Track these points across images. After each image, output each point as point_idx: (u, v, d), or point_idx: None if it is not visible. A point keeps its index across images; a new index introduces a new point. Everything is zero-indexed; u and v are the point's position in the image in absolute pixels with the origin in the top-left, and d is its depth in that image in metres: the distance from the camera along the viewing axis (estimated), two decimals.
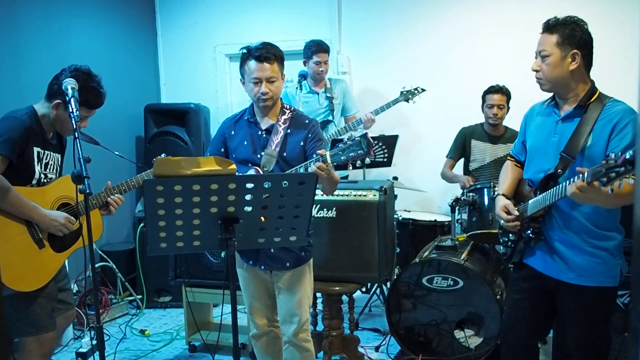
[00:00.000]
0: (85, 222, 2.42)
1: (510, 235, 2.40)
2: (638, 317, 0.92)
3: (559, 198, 2.09)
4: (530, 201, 2.27)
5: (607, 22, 4.33)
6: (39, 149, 2.45)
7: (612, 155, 1.81)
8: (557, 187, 2.10)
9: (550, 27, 2.18)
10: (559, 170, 2.16)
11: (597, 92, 2.19)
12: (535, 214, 2.24)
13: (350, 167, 2.47)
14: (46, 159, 2.50)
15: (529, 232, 2.28)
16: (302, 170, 2.42)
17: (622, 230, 2.25)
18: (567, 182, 2.02)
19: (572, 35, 2.14)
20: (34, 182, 2.44)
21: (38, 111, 2.46)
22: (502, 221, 2.34)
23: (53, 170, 2.55)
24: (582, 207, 2.16)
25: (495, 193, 2.50)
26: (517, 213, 2.30)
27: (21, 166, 2.37)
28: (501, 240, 2.51)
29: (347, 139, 2.36)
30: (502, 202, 2.37)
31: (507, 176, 2.48)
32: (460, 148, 4.22)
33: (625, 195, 1.96)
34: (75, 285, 4.15)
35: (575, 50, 2.15)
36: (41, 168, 2.46)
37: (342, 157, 2.34)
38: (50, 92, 2.46)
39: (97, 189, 2.50)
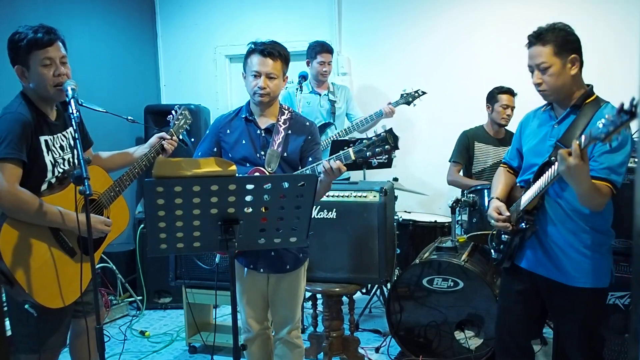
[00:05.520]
0: (108, 216, 2.33)
1: (503, 236, 2.39)
2: (638, 319, 0.92)
3: (552, 179, 2.08)
4: (524, 194, 2.27)
5: (606, 21, 4.33)
6: (46, 137, 2.24)
7: (607, 116, 1.81)
8: (550, 169, 2.10)
9: (541, 38, 2.16)
10: (553, 158, 2.14)
11: (594, 96, 2.20)
12: (529, 205, 2.23)
13: (375, 162, 2.44)
14: (58, 143, 2.30)
15: (523, 224, 2.26)
16: (319, 169, 2.39)
17: (613, 232, 2.26)
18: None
19: (567, 41, 2.14)
20: (49, 174, 2.24)
21: (27, 94, 2.24)
22: (492, 221, 2.34)
23: (67, 150, 2.34)
24: (576, 203, 2.16)
25: (489, 197, 2.49)
26: (507, 214, 2.30)
27: (32, 163, 2.17)
28: (492, 245, 2.49)
29: (372, 135, 2.34)
30: (494, 203, 2.38)
31: (500, 181, 2.48)
32: (465, 152, 4.15)
33: (601, 195, 2.03)
34: None
35: (574, 55, 2.15)
36: (54, 156, 2.25)
37: (367, 153, 2.32)
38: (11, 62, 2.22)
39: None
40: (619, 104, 1.75)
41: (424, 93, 4.27)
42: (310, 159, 2.54)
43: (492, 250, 2.49)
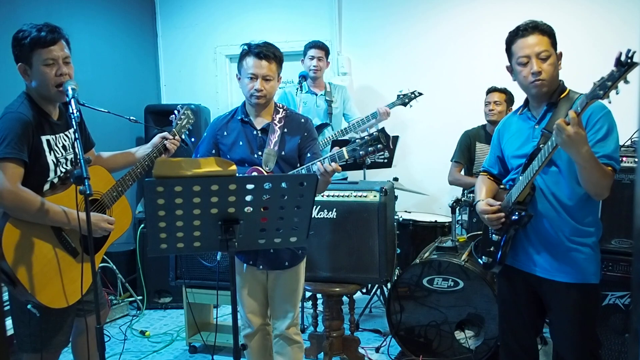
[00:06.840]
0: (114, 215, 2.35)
1: (494, 236, 2.37)
2: (638, 319, 0.92)
3: (543, 161, 2.07)
4: (514, 187, 2.26)
5: (607, 20, 4.33)
6: (48, 137, 2.23)
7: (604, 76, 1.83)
8: (539, 154, 2.09)
9: (539, 28, 2.19)
10: (541, 145, 2.13)
11: (567, 90, 2.22)
12: (520, 196, 2.20)
13: (369, 161, 2.47)
14: (60, 143, 2.29)
15: (516, 214, 2.23)
16: (314, 168, 2.41)
17: (601, 225, 2.25)
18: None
19: (554, 36, 2.20)
20: (52, 174, 2.23)
21: (30, 93, 2.23)
22: (485, 216, 2.31)
23: (70, 150, 2.34)
24: (564, 199, 2.16)
25: (475, 202, 2.47)
26: (498, 204, 2.29)
27: (33, 162, 2.16)
28: (478, 251, 2.48)
29: (365, 135, 2.38)
30: (482, 201, 2.37)
31: (483, 187, 2.47)
32: (466, 151, 4.17)
33: (605, 175, 2.01)
34: None
35: (560, 51, 2.21)
36: (56, 155, 2.25)
37: (360, 152, 2.36)
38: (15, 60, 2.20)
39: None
40: (616, 56, 1.79)
41: (420, 94, 4.27)
42: (308, 154, 2.56)
43: (483, 256, 2.45)
